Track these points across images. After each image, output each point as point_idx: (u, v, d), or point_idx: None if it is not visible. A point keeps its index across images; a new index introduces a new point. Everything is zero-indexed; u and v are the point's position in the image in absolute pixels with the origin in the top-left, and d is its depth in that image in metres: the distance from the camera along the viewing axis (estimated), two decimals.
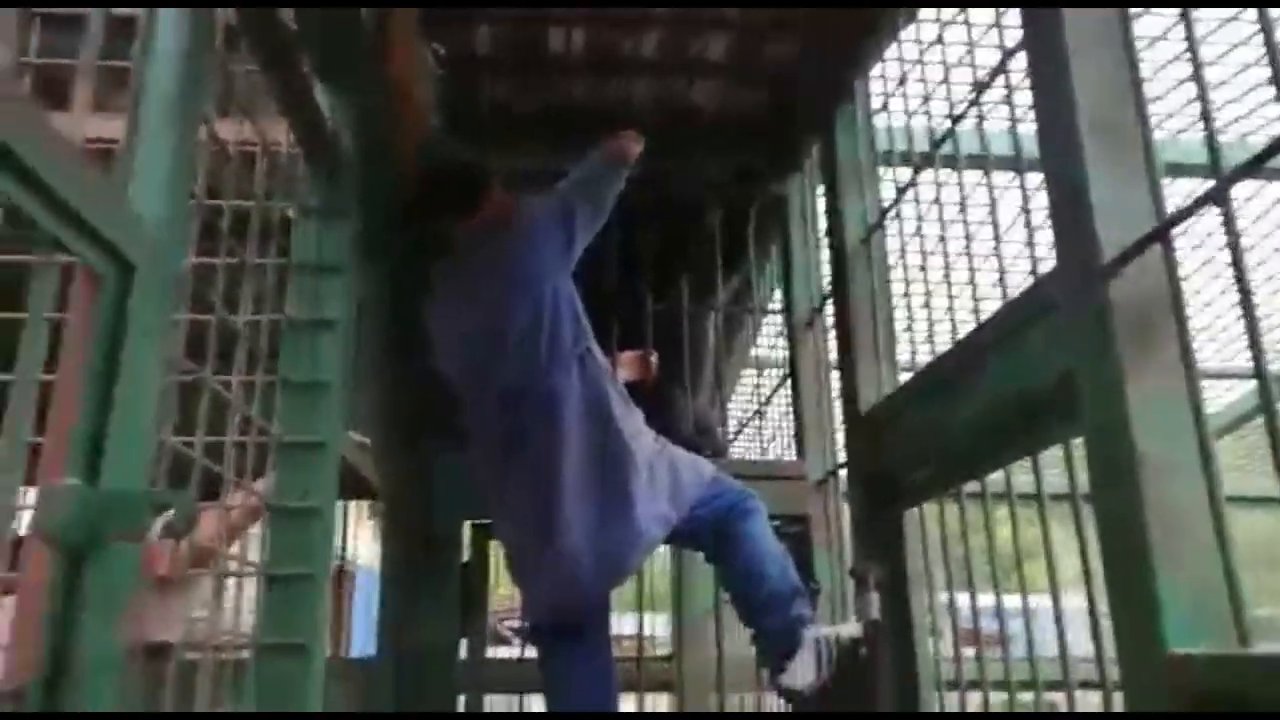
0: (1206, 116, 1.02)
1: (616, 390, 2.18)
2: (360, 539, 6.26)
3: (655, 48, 2.81)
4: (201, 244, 1.28)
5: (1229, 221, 0.96)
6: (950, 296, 1.93)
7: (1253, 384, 4.77)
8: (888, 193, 2.26)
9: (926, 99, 2.06)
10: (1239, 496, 4.44)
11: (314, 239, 1.87)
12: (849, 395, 2.24)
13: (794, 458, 3.05)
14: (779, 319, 3.46)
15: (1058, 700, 1.40)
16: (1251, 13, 0.94)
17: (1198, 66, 1.06)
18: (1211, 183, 0.98)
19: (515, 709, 3.66)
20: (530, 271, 2.17)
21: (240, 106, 1.49)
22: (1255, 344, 0.91)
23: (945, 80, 1.98)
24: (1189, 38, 1.06)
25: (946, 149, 1.89)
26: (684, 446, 2.31)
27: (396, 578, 2.73)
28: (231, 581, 1.56)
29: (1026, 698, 1.53)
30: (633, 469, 2.07)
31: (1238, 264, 0.93)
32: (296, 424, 1.72)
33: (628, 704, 3.52)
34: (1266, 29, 0.94)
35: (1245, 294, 0.94)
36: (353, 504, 5.26)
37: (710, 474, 2.24)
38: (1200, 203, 0.99)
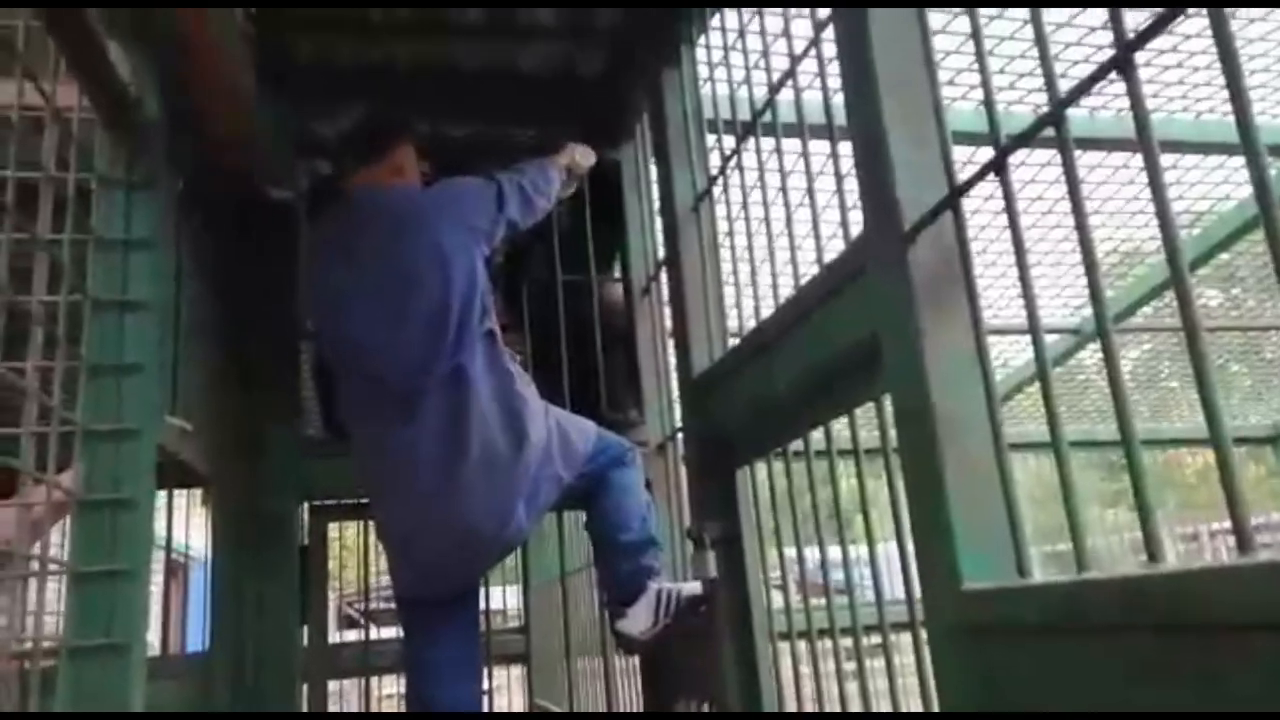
0: (986, 87, 1.09)
1: (515, 367, 2.21)
2: (194, 530, 5.96)
3: (482, 10, 2.75)
4: None
5: (1007, 189, 1.03)
6: (773, 263, 1.99)
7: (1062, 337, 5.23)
8: (716, 161, 2.30)
9: (749, 69, 2.11)
10: (1022, 443, 4.82)
11: (120, 212, 1.75)
12: (683, 360, 2.29)
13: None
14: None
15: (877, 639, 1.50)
16: None
17: (976, 36, 1.13)
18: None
19: (362, 692, 3.61)
20: (447, 248, 2.13)
21: (22, 67, 1.37)
22: (1029, 301, 1.00)
23: (765, 51, 2.03)
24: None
25: (767, 118, 1.95)
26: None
27: (229, 564, 2.62)
28: (34, 583, 1.46)
29: (848, 642, 1.63)
30: (529, 442, 2.11)
31: (1014, 227, 1.01)
32: (104, 411, 1.62)
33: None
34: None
35: (1020, 255, 1.02)
36: (183, 494, 5.01)
37: (594, 431, 2.34)
38: (984, 171, 1.07)
